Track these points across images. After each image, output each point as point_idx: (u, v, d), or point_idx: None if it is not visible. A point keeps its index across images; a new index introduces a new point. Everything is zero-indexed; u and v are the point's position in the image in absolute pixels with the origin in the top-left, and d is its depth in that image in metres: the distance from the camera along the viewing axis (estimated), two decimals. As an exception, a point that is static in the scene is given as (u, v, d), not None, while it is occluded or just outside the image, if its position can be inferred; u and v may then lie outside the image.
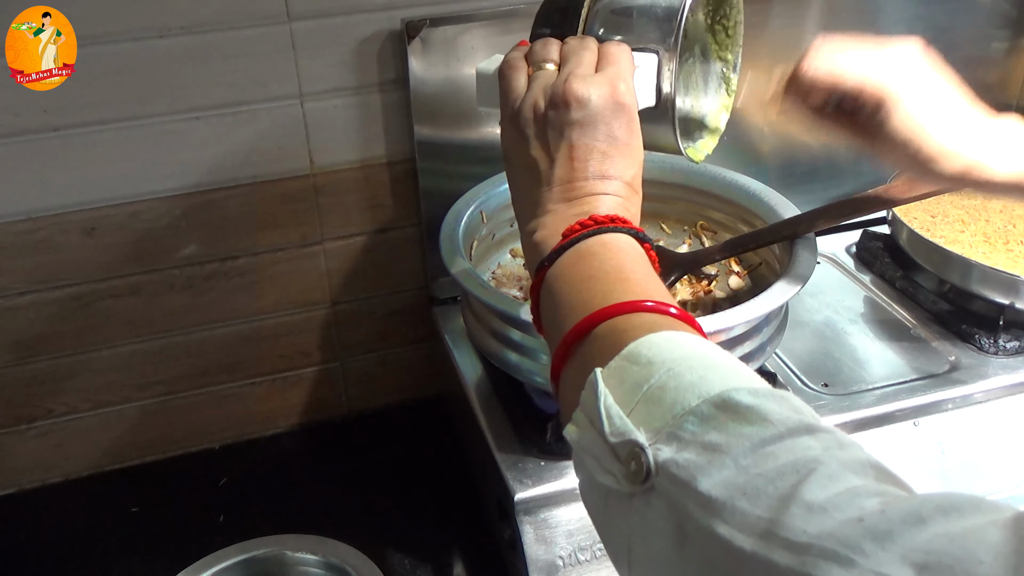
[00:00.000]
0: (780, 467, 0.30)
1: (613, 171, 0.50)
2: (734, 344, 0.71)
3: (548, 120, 0.50)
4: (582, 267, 0.46)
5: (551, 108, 0.50)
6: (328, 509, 0.88)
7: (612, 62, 0.51)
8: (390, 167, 0.89)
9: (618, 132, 0.50)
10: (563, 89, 0.49)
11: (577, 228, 0.47)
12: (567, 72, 0.50)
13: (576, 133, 0.49)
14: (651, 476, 0.33)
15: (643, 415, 0.35)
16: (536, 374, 0.72)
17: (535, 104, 0.50)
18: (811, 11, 0.96)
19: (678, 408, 0.34)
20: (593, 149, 0.49)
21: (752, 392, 0.33)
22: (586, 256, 0.46)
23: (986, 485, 0.77)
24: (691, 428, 0.33)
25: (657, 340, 0.38)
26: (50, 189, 0.80)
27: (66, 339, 0.87)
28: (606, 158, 0.50)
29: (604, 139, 0.50)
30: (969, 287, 0.88)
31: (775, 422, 0.32)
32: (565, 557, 0.70)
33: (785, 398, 0.34)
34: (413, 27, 0.81)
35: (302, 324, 0.95)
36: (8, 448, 0.91)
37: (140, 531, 0.87)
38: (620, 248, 0.46)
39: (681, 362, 0.36)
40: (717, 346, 0.40)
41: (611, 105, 0.49)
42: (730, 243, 0.83)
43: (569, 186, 0.50)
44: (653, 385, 0.35)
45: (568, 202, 0.49)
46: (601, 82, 0.50)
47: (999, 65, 1.07)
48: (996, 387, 0.82)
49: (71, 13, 0.72)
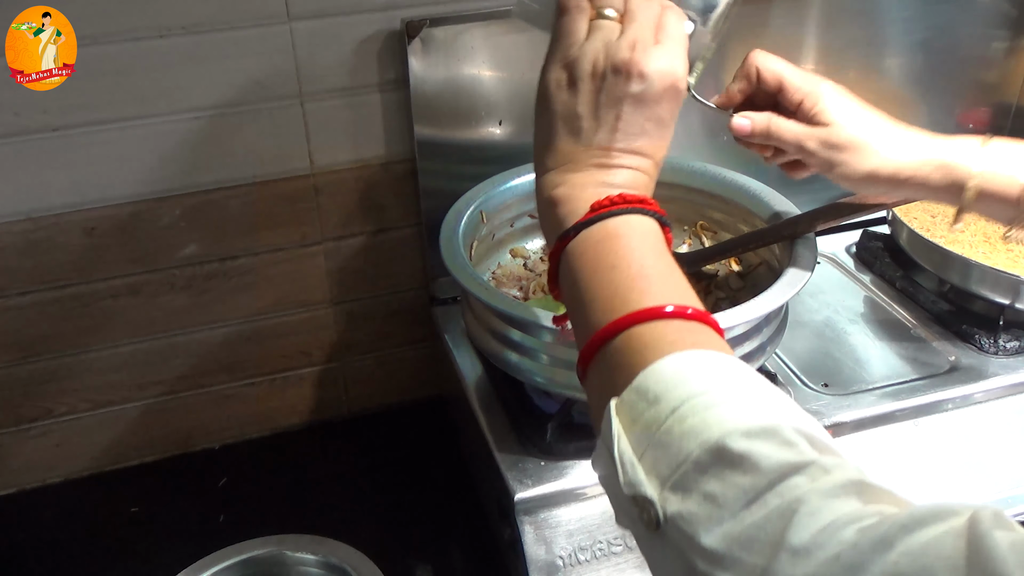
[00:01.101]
0: (769, 514, 0.33)
1: (649, 150, 0.51)
2: (734, 344, 0.71)
3: (605, 82, 0.49)
4: (606, 250, 0.46)
5: (612, 72, 0.49)
6: (328, 509, 0.88)
7: (671, 35, 0.51)
8: (390, 167, 0.89)
9: (665, 114, 0.50)
10: (628, 57, 0.49)
11: (607, 204, 0.47)
12: (632, 37, 0.50)
13: (629, 106, 0.49)
14: (661, 525, 0.37)
15: (652, 461, 0.38)
16: (536, 374, 0.72)
17: (595, 61, 0.50)
18: (811, 11, 0.96)
19: (682, 456, 0.37)
20: (640, 126, 0.50)
21: (746, 434, 0.36)
22: (612, 237, 0.47)
23: (986, 485, 0.77)
24: (693, 476, 0.36)
25: (665, 371, 0.40)
26: (50, 189, 0.80)
27: (66, 339, 0.87)
28: (648, 137, 0.50)
29: (652, 118, 0.50)
30: (969, 287, 0.88)
31: (765, 469, 0.35)
32: (565, 557, 0.70)
33: (777, 432, 0.36)
34: (413, 27, 0.81)
35: (302, 324, 0.95)
36: (8, 448, 0.91)
37: (140, 531, 0.87)
38: (644, 234, 0.47)
39: (686, 402, 0.38)
40: (722, 357, 0.41)
41: (668, 87, 0.49)
42: (730, 243, 0.83)
43: (605, 152, 0.50)
44: (661, 430, 0.38)
45: (600, 168, 0.50)
46: (664, 60, 0.49)
47: (999, 65, 1.08)
48: (996, 387, 0.82)
49: (71, 13, 0.72)
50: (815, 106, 0.66)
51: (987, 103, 1.10)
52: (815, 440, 0.37)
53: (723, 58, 0.95)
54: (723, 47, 0.94)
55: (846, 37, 0.98)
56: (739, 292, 0.84)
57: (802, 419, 0.39)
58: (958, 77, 1.06)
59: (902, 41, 1.01)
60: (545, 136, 0.52)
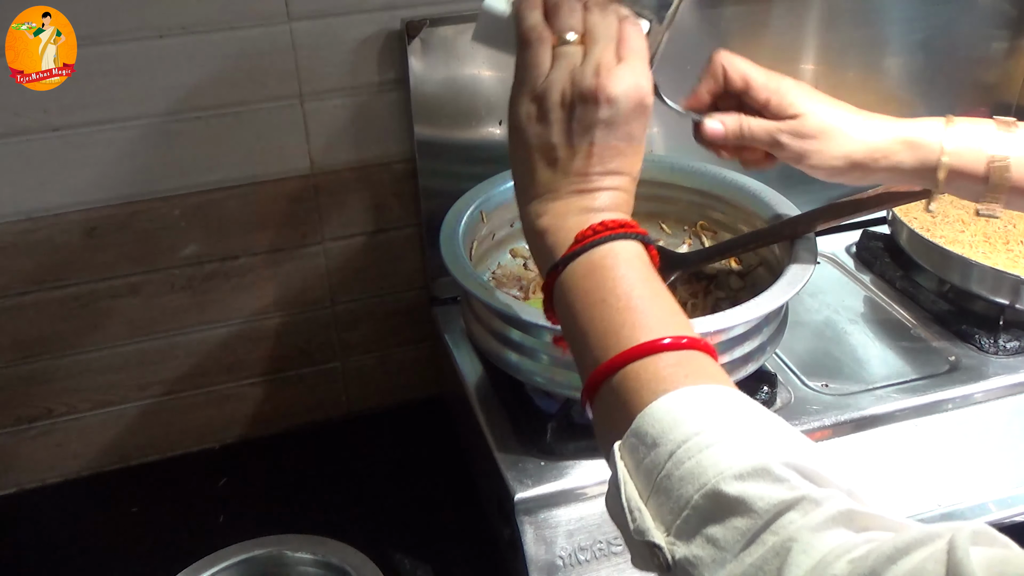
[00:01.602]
0: (766, 553, 0.36)
1: (625, 167, 0.52)
2: (734, 344, 0.71)
3: (575, 111, 0.50)
4: (594, 283, 0.48)
5: (580, 101, 0.50)
6: (328, 509, 0.88)
7: (633, 49, 0.52)
8: (390, 167, 0.89)
9: (636, 131, 0.52)
10: (595, 84, 0.50)
11: (589, 234, 0.49)
12: (595, 60, 0.51)
13: (601, 131, 0.50)
14: (672, 569, 0.39)
15: (657, 507, 0.40)
16: (536, 374, 0.72)
17: (563, 91, 0.51)
18: (811, 11, 0.96)
19: (683, 501, 0.39)
20: (613, 148, 0.51)
21: (739, 477, 0.38)
22: (599, 268, 0.48)
23: (986, 485, 0.77)
24: (695, 522, 0.38)
25: (659, 412, 0.42)
26: (50, 189, 0.80)
27: (66, 339, 0.87)
28: (622, 156, 0.52)
29: (624, 138, 0.51)
30: (969, 287, 0.88)
31: (759, 510, 0.37)
32: (565, 557, 0.70)
33: (767, 471, 0.38)
34: (413, 27, 0.81)
35: (302, 324, 0.95)
36: (8, 448, 0.91)
37: (140, 531, 0.87)
38: (628, 260, 0.48)
39: (680, 444, 0.40)
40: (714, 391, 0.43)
41: (637, 106, 0.51)
42: (730, 243, 0.83)
43: (583, 178, 0.51)
44: (662, 475, 0.40)
45: (579, 194, 0.51)
46: (630, 79, 0.50)
47: (999, 65, 1.08)
48: (996, 387, 0.82)
49: (71, 13, 0.72)
50: (782, 100, 0.67)
51: (987, 103, 1.10)
52: (805, 471, 0.38)
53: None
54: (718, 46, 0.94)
55: (846, 37, 0.98)
56: (739, 292, 0.84)
57: (792, 448, 0.40)
58: (958, 77, 1.06)
59: (902, 41, 1.01)
60: (523, 168, 0.53)
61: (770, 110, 0.68)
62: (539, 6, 0.54)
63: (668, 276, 0.78)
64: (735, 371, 0.73)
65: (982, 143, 0.66)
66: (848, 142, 0.67)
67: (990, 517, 0.76)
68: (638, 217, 0.52)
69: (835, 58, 0.99)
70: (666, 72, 0.92)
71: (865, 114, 0.69)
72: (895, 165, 0.68)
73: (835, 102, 0.69)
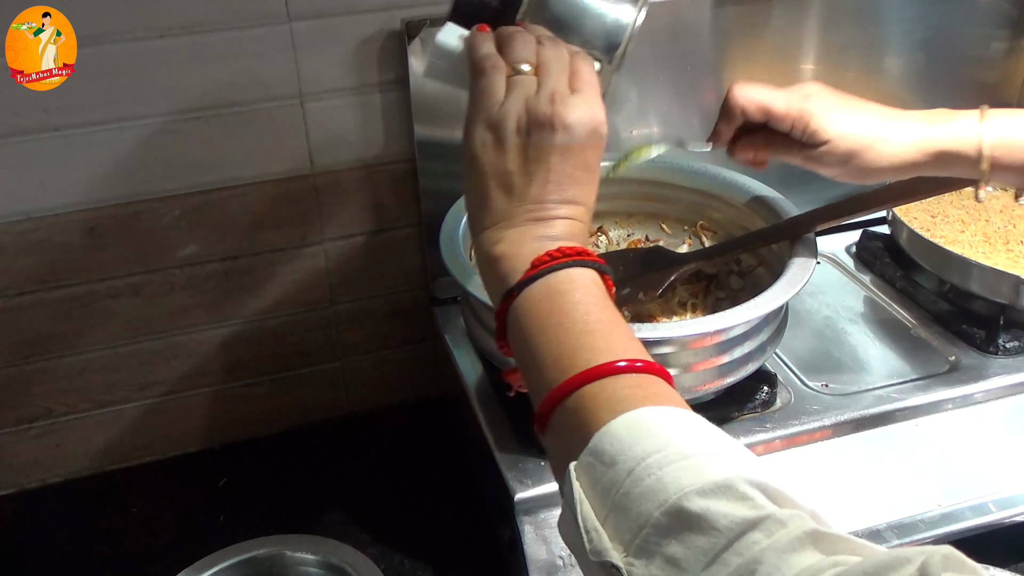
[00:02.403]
0: (730, 574, 0.34)
1: (580, 197, 0.52)
2: (734, 344, 0.71)
3: (531, 137, 0.50)
4: (550, 307, 0.47)
5: (536, 128, 0.50)
6: (328, 509, 0.88)
7: (586, 81, 0.52)
8: (390, 167, 0.89)
9: (592, 160, 0.52)
10: (550, 111, 0.50)
11: (546, 259, 0.48)
12: (550, 89, 0.51)
13: (556, 158, 0.50)
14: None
15: (615, 526, 0.39)
16: (536, 374, 0.72)
17: (519, 118, 0.51)
18: (811, 11, 0.96)
19: (642, 519, 0.37)
20: (569, 175, 0.51)
21: (701, 493, 0.36)
22: (555, 294, 0.48)
23: (986, 485, 0.77)
24: (654, 540, 0.37)
25: (618, 431, 0.41)
26: (50, 189, 0.80)
27: (66, 339, 0.87)
28: (578, 184, 0.51)
29: (580, 166, 0.51)
30: (969, 287, 0.88)
31: (722, 528, 0.35)
32: (565, 557, 0.70)
33: (731, 487, 0.36)
34: (413, 27, 0.81)
35: (302, 324, 0.95)
36: (8, 448, 0.91)
37: (140, 531, 0.87)
38: (585, 287, 0.48)
39: (640, 462, 0.39)
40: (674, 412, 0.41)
41: (592, 133, 0.51)
42: (730, 243, 0.83)
43: (539, 206, 0.51)
44: (620, 493, 0.39)
45: (536, 222, 0.51)
46: (584, 108, 0.51)
47: (999, 65, 1.07)
48: (996, 387, 0.82)
49: (71, 13, 0.72)
50: (807, 127, 0.68)
51: (987, 103, 1.09)
52: (769, 490, 0.37)
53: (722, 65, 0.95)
54: (722, 54, 0.94)
55: (846, 37, 0.98)
56: (739, 292, 0.84)
57: (754, 468, 0.39)
58: (958, 77, 1.06)
59: (902, 41, 1.01)
60: (477, 196, 0.53)
61: (796, 135, 0.68)
62: (491, 39, 0.54)
63: (668, 276, 0.78)
64: (735, 371, 0.73)
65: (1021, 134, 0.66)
66: (878, 162, 0.67)
67: (990, 517, 0.76)
68: (638, 217, 0.52)
69: (835, 58, 0.99)
70: (666, 72, 0.93)
71: (896, 120, 0.68)
72: (930, 170, 0.68)
73: (864, 114, 0.68)
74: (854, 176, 0.69)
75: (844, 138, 0.67)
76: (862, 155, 0.67)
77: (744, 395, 0.78)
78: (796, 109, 0.68)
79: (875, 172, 0.68)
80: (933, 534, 0.75)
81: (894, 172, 0.69)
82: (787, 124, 0.68)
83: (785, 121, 0.68)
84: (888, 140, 0.67)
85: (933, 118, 0.68)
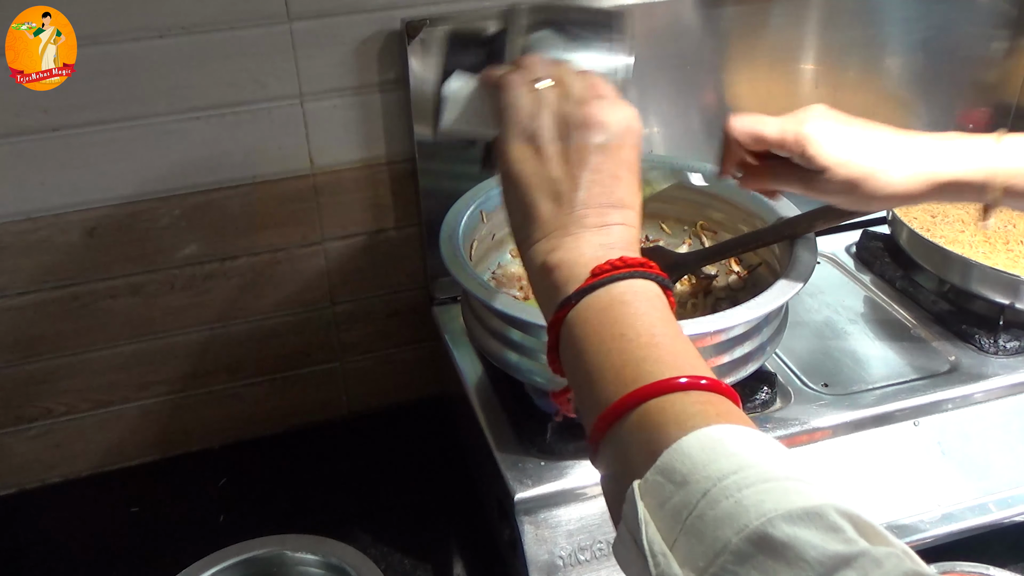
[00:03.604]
0: None
1: (628, 198, 0.50)
2: (734, 344, 0.71)
3: (570, 141, 0.49)
4: (612, 316, 0.45)
5: (574, 129, 0.49)
6: (328, 509, 0.88)
7: (608, 88, 0.52)
8: (390, 167, 0.89)
9: (632, 159, 0.50)
10: (584, 112, 0.49)
11: (607, 268, 0.46)
12: (578, 94, 0.50)
13: (599, 157, 0.49)
14: None
15: (685, 551, 0.35)
16: (536, 374, 0.72)
17: (553, 124, 0.50)
18: (811, 11, 0.96)
19: (718, 545, 0.34)
20: (613, 175, 0.49)
21: (787, 519, 0.33)
22: (617, 304, 0.45)
23: (986, 485, 0.78)
24: (732, 568, 0.33)
25: (690, 448, 0.37)
26: (50, 189, 0.80)
27: (66, 339, 0.87)
28: (624, 184, 0.50)
29: (622, 165, 0.50)
30: (969, 287, 0.88)
31: (811, 561, 0.32)
32: (565, 557, 0.70)
33: (821, 515, 0.33)
34: (413, 27, 0.81)
35: (302, 324, 0.95)
36: (8, 448, 0.91)
37: (140, 531, 0.87)
38: (649, 300, 0.46)
39: (716, 482, 0.36)
40: (750, 433, 0.39)
41: (627, 129, 0.50)
42: (730, 243, 0.83)
43: (592, 211, 0.49)
44: (693, 515, 0.35)
45: (592, 229, 0.48)
46: (615, 107, 0.50)
47: (999, 65, 1.08)
48: (996, 387, 0.82)
49: (71, 13, 0.72)
50: (804, 152, 0.66)
51: (987, 103, 1.10)
52: (861, 524, 0.34)
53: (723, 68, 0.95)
54: (722, 54, 0.94)
55: (846, 37, 0.98)
56: (739, 292, 0.84)
57: (842, 497, 0.36)
58: (958, 77, 1.06)
59: (902, 41, 1.01)
60: (523, 211, 0.51)
61: (796, 162, 0.67)
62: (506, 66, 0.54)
63: (668, 277, 0.78)
64: (735, 371, 0.73)
65: None
66: (883, 190, 0.65)
67: (990, 517, 0.76)
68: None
69: (835, 58, 0.99)
70: (666, 72, 0.93)
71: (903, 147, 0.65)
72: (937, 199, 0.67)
73: (865, 136, 0.66)
74: (859, 204, 0.67)
75: (843, 165, 0.65)
76: (864, 184, 0.65)
77: (744, 395, 0.78)
78: (791, 134, 0.66)
79: (879, 201, 0.66)
80: (933, 534, 0.75)
81: (900, 201, 0.67)
82: (784, 152, 0.67)
83: (780, 147, 0.67)
84: (893, 169, 0.65)
85: (944, 145, 0.66)
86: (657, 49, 0.91)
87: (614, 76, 0.58)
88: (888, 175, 0.65)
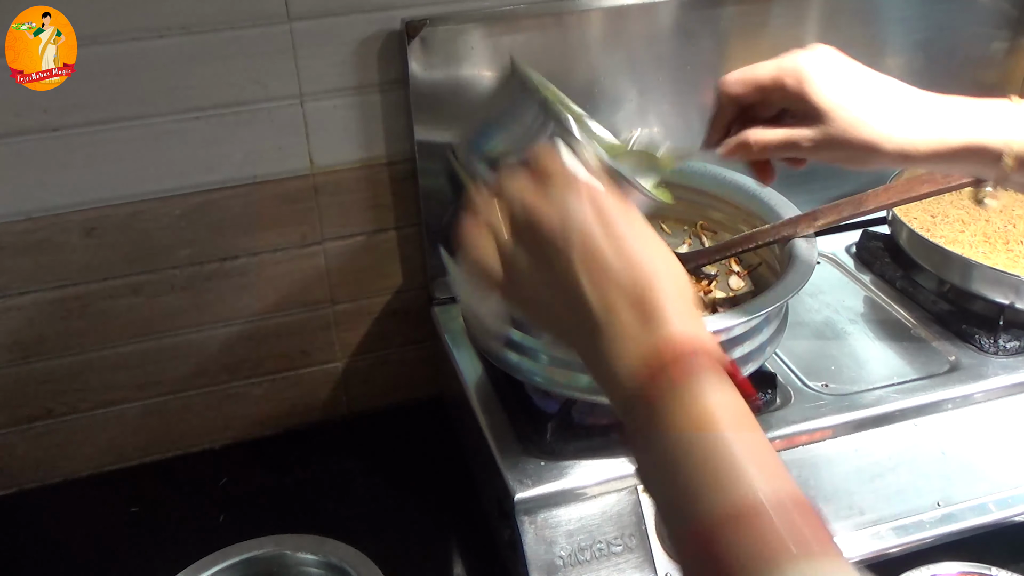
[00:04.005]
0: None
1: (663, 250, 0.45)
2: (734, 344, 0.71)
3: (537, 266, 0.45)
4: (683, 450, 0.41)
5: (529, 255, 0.45)
6: (328, 509, 0.88)
7: (554, 167, 0.46)
8: (390, 167, 0.89)
9: (618, 230, 0.44)
10: (527, 230, 0.45)
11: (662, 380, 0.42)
12: (516, 207, 0.46)
13: (574, 262, 0.44)
14: None
15: None
16: (536, 374, 0.72)
17: (513, 262, 0.46)
18: (811, 11, 0.96)
19: None
20: (604, 265, 0.44)
21: None
22: (685, 427, 0.41)
23: (986, 485, 0.77)
24: None
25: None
26: (50, 189, 0.80)
27: (66, 339, 0.87)
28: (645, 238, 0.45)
29: (609, 248, 0.44)
30: (969, 287, 0.88)
31: None
32: (565, 557, 0.70)
33: None
34: (413, 27, 0.81)
35: (302, 324, 0.95)
36: (8, 448, 0.91)
37: (140, 531, 0.87)
38: (738, 404, 0.43)
39: None
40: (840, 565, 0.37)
41: (585, 213, 0.44)
42: (730, 243, 0.83)
43: (622, 312, 0.43)
44: None
45: (636, 323, 0.43)
46: (551, 200, 0.45)
47: (999, 65, 1.07)
48: (996, 387, 0.81)
49: (71, 13, 0.72)
50: (801, 91, 0.58)
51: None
52: None
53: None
54: (722, 54, 0.94)
55: (846, 37, 0.98)
56: (739, 292, 0.84)
57: None
58: (958, 77, 1.06)
59: (902, 41, 1.01)
60: (581, 350, 0.46)
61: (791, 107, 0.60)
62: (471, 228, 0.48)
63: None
64: (735, 371, 0.73)
65: None
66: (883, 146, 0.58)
67: (990, 517, 0.76)
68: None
69: (835, 58, 0.99)
70: (666, 72, 0.93)
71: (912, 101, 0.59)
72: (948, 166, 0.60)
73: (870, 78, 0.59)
74: (857, 160, 0.59)
75: (844, 110, 0.57)
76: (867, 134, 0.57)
77: (744, 395, 0.78)
78: (789, 70, 0.59)
79: (881, 157, 0.58)
80: (933, 534, 0.75)
81: (903, 161, 0.59)
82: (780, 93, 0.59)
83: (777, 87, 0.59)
84: (901, 122, 0.58)
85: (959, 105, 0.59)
86: (657, 49, 0.91)
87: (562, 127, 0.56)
88: (894, 128, 0.58)
